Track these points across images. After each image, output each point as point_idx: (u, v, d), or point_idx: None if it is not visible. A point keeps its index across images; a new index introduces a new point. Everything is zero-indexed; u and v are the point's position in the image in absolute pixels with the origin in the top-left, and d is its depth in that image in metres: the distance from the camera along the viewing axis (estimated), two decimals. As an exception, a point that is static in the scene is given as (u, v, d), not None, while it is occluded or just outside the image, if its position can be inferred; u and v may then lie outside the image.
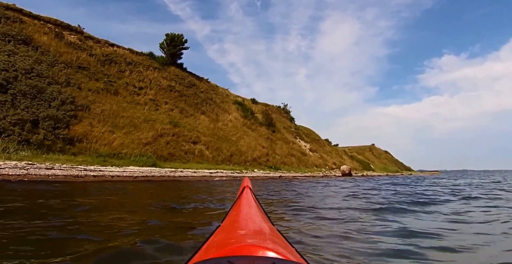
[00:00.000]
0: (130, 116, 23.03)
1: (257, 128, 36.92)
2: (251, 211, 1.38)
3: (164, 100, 27.83)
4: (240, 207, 1.48)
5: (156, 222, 4.43)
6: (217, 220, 4.07)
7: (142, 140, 21.71)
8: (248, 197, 1.65)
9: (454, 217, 5.46)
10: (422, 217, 5.52)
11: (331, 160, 47.97)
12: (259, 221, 1.21)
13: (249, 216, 1.29)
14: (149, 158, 20.62)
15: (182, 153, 24.01)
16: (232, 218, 1.31)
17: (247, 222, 1.18)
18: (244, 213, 1.37)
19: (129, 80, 26.80)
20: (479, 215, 5.73)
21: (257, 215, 1.33)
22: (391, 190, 11.93)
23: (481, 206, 7.04)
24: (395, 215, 5.58)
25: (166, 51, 32.52)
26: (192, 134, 26.27)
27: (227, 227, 1.14)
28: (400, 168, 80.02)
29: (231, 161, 27.89)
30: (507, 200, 8.15)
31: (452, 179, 30.22)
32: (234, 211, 1.45)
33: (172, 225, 4.22)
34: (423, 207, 6.64)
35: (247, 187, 1.80)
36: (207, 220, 4.77)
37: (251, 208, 1.44)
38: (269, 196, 8.65)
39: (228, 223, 1.22)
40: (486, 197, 8.94)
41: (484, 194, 10.08)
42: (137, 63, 29.15)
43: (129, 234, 3.47)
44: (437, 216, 5.57)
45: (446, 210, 6.21)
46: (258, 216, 1.30)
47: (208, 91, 35.18)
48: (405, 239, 3.65)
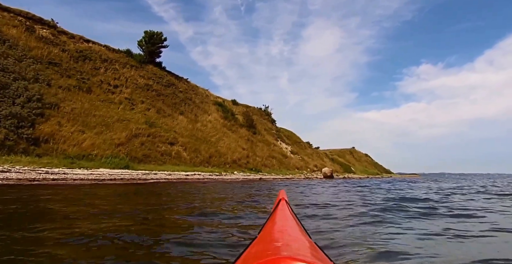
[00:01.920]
0: (103, 115, 21.94)
1: (237, 130, 36.11)
2: (288, 223, 1.40)
3: (140, 100, 26.77)
4: (276, 218, 1.50)
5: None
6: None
7: (114, 140, 20.67)
8: (284, 209, 1.69)
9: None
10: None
11: (312, 162, 47.53)
12: (295, 233, 1.22)
13: (285, 228, 1.31)
14: (121, 160, 19.60)
15: (158, 154, 23.03)
16: (269, 230, 1.32)
17: (283, 234, 1.19)
18: (280, 225, 1.39)
19: (104, 78, 25.67)
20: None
21: (294, 227, 1.35)
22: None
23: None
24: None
25: (144, 49, 31.41)
26: (169, 134, 25.30)
27: (263, 239, 1.13)
28: (380, 171, 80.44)
29: (210, 162, 27.02)
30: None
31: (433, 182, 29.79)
32: (270, 223, 1.45)
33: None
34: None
35: (283, 199, 1.82)
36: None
37: (287, 220, 1.47)
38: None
39: (265, 235, 1.22)
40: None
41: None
42: (113, 61, 28.01)
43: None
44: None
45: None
46: (295, 228, 1.32)
47: (187, 91, 34.20)
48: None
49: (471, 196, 10.78)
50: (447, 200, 9.06)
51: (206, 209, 6.15)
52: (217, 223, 4.52)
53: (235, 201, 7.94)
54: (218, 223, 4.52)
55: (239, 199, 8.34)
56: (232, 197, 9.00)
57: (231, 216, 5.23)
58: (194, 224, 4.43)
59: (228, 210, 6.09)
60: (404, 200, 8.47)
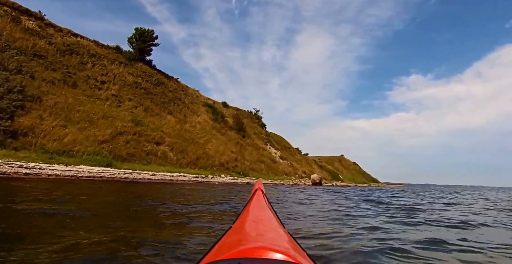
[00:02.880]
0: (88, 111, 21.13)
1: (226, 133, 35.45)
2: (263, 213, 1.40)
3: (128, 97, 25.99)
4: (252, 208, 1.49)
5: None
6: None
7: (98, 137, 19.88)
8: (260, 199, 1.67)
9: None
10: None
11: (301, 168, 47.00)
12: (270, 223, 1.21)
13: (261, 218, 1.29)
14: (104, 157, 18.82)
15: (143, 153, 22.26)
16: (244, 220, 1.29)
17: (258, 224, 1.18)
18: (255, 215, 1.38)
19: (91, 73, 24.87)
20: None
21: (269, 217, 1.34)
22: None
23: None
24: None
25: (134, 46, 30.69)
26: (156, 134, 24.55)
27: (238, 229, 1.13)
28: (367, 180, 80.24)
29: (196, 164, 26.29)
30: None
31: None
32: (246, 213, 1.44)
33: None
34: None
35: (259, 189, 1.81)
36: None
37: (263, 210, 1.46)
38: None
39: (240, 225, 1.20)
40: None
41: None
42: (102, 56, 27.23)
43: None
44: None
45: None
46: (270, 218, 1.31)
47: (177, 91, 33.48)
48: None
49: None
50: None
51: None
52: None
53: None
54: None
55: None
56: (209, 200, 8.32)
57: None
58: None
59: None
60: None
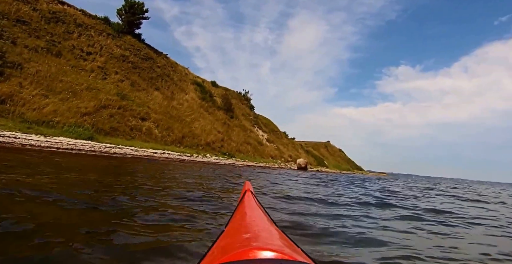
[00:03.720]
0: (71, 82, 20.43)
1: (214, 112, 34.96)
2: (254, 214, 1.38)
3: (114, 70, 25.23)
4: (243, 210, 1.48)
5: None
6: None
7: (81, 109, 19.28)
8: (250, 200, 1.65)
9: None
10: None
11: (287, 152, 46.92)
12: (263, 223, 1.21)
13: (253, 219, 1.29)
14: (86, 130, 18.32)
15: (127, 128, 21.75)
16: (236, 222, 1.29)
17: (251, 226, 1.18)
18: (247, 216, 1.37)
19: (77, 43, 23.99)
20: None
21: (261, 217, 1.33)
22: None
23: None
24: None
25: (123, 18, 29.65)
26: (142, 109, 23.99)
27: (231, 232, 1.13)
28: (352, 167, 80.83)
29: (182, 142, 25.89)
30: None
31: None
32: (237, 215, 1.43)
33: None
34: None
35: (248, 191, 1.78)
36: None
37: (254, 211, 1.44)
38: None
39: (232, 228, 1.20)
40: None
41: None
42: (89, 27, 26.26)
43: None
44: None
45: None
46: (262, 219, 1.30)
47: (165, 67, 32.70)
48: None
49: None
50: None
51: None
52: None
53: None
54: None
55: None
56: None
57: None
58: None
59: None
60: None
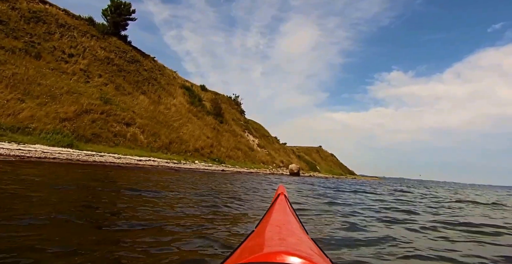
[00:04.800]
0: (50, 85, 19.24)
1: (203, 117, 33.85)
2: (285, 218, 1.37)
3: (98, 73, 24.04)
4: (274, 213, 1.46)
5: None
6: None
7: (60, 114, 18.09)
8: (282, 203, 1.64)
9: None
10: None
11: (279, 157, 45.96)
12: (293, 228, 1.20)
13: (283, 223, 1.27)
14: (65, 137, 17.12)
15: (111, 134, 20.57)
16: (266, 224, 1.27)
17: (280, 229, 1.16)
18: (278, 219, 1.35)
19: (58, 45, 22.79)
20: None
21: (291, 222, 1.32)
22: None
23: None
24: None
25: (109, 19, 28.50)
26: (127, 114, 22.82)
27: (260, 233, 1.13)
28: (344, 172, 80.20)
29: (169, 149, 24.75)
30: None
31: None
32: (268, 217, 1.41)
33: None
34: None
35: (282, 194, 1.78)
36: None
37: (285, 215, 1.43)
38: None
39: (262, 229, 1.20)
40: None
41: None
42: (72, 27, 25.06)
43: None
44: None
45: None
46: (292, 223, 1.29)
47: (153, 71, 31.55)
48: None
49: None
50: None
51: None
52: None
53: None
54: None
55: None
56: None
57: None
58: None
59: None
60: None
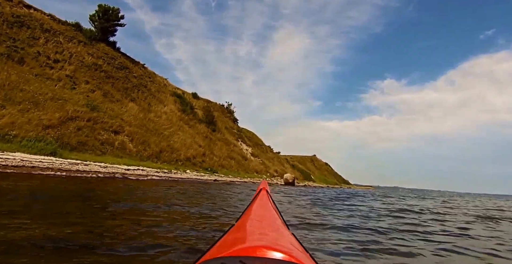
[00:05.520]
0: (34, 91, 18.29)
1: (195, 125, 32.95)
2: (267, 213, 1.38)
3: (84, 79, 23.11)
4: (255, 207, 1.47)
5: None
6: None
7: (43, 121, 17.10)
8: (264, 198, 1.64)
9: None
10: None
11: (273, 166, 45.05)
12: (274, 223, 1.19)
13: (264, 218, 1.28)
14: (48, 145, 16.12)
15: (98, 142, 19.58)
16: (247, 218, 1.26)
17: (261, 223, 1.16)
18: (259, 214, 1.35)
19: (43, 50, 21.89)
20: None
21: (272, 217, 1.33)
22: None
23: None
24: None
25: (96, 24, 27.69)
26: (115, 121, 21.87)
27: (241, 227, 1.11)
28: (339, 181, 79.44)
29: (159, 158, 23.77)
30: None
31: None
32: (249, 211, 1.40)
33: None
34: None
35: (263, 189, 1.79)
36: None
37: (267, 210, 1.44)
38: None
39: (242, 223, 1.18)
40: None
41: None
42: (57, 33, 24.20)
43: None
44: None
45: None
46: (273, 218, 1.30)
47: (142, 78, 30.68)
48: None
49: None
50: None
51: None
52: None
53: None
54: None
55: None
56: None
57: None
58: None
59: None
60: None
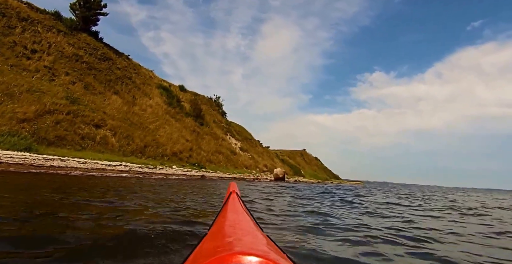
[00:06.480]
0: (8, 82, 17.22)
1: (182, 119, 32.01)
2: (239, 217, 1.35)
3: (64, 71, 22.00)
4: (227, 213, 1.43)
5: None
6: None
7: (18, 115, 16.08)
8: (235, 202, 1.60)
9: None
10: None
11: (262, 161, 44.34)
12: (247, 227, 1.19)
13: (237, 222, 1.25)
14: (22, 139, 15.13)
15: (78, 137, 18.60)
16: (220, 225, 1.25)
17: (235, 229, 1.16)
18: (231, 219, 1.33)
19: (19, 40, 20.74)
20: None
21: (245, 220, 1.30)
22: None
23: None
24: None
25: (78, 13, 26.46)
26: (96, 115, 20.85)
27: (214, 235, 1.10)
28: (329, 176, 79.11)
29: (144, 153, 22.85)
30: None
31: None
32: (221, 218, 1.38)
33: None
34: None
35: (233, 192, 1.73)
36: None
37: (239, 214, 1.41)
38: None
39: (216, 230, 1.18)
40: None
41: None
42: (35, 22, 22.99)
43: None
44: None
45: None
46: (246, 222, 1.27)
47: (127, 69, 29.58)
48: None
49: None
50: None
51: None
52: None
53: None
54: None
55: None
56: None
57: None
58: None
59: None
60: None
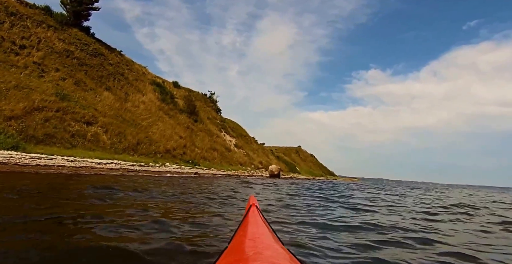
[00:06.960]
0: (-6, 79, 16.72)
1: (176, 115, 31.61)
2: (259, 231, 1.33)
3: (54, 67, 21.51)
4: (247, 226, 1.41)
5: None
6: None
7: (5, 112, 15.66)
8: (255, 215, 1.58)
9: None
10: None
11: (257, 158, 44.09)
12: (267, 241, 1.16)
13: (257, 236, 1.23)
14: (9, 138, 14.73)
15: (68, 135, 18.18)
16: (240, 239, 1.24)
17: (255, 243, 1.13)
18: (251, 232, 1.31)
19: (7, 35, 20.21)
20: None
21: (266, 234, 1.28)
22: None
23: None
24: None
25: (68, 8, 25.91)
26: (87, 111, 20.43)
27: (235, 248, 1.09)
28: (324, 172, 79.08)
29: (136, 150, 22.47)
30: None
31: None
32: (241, 231, 1.38)
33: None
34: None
35: (253, 205, 1.71)
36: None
37: (259, 227, 1.39)
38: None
39: (236, 244, 1.16)
40: None
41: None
42: (24, 16, 22.45)
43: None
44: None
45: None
46: (267, 236, 1.25)
47: (119, 65, 29.08)
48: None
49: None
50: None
51: None
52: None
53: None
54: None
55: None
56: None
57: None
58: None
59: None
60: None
